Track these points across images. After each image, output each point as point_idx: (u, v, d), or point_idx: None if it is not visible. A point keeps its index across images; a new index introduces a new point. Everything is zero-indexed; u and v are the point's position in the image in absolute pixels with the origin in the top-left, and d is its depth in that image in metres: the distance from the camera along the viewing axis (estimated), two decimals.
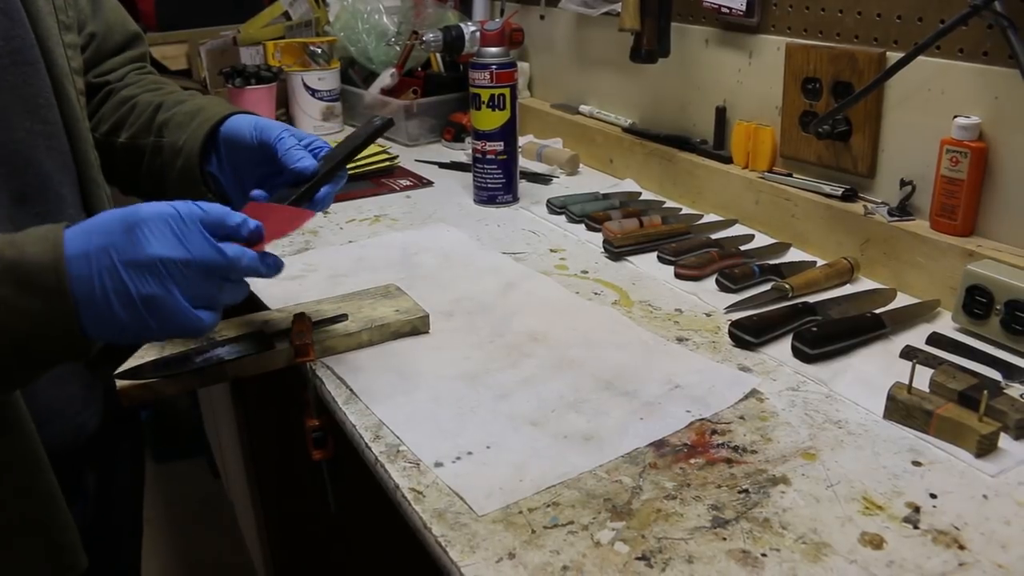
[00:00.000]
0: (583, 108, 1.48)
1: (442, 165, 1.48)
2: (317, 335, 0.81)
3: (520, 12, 1.60)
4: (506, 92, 1.20)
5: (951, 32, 0.84)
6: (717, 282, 0.97)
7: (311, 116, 1.65)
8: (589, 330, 0.87)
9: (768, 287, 0.95)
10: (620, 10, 1.19)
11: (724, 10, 1.14)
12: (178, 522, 2.21)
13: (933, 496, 0.62)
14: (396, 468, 0.66)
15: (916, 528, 0.59)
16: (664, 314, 0.91)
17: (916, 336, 0.85)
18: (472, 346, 0.84)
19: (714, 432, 0.70)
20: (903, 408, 0.70)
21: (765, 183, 1.10)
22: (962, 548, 0.57)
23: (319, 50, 1.66)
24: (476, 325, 0.88)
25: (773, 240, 1.09)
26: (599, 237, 1.11)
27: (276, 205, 0.74)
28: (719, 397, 0.75)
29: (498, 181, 1.25)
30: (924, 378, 0.73)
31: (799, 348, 0.81)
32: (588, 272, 1.03)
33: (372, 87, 1.68)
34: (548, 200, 1.24)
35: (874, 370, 0.78)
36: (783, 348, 0.83)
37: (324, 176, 0.77)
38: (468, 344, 0.85)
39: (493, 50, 1.20)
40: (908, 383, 0.71)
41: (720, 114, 1.19)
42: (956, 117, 0.88)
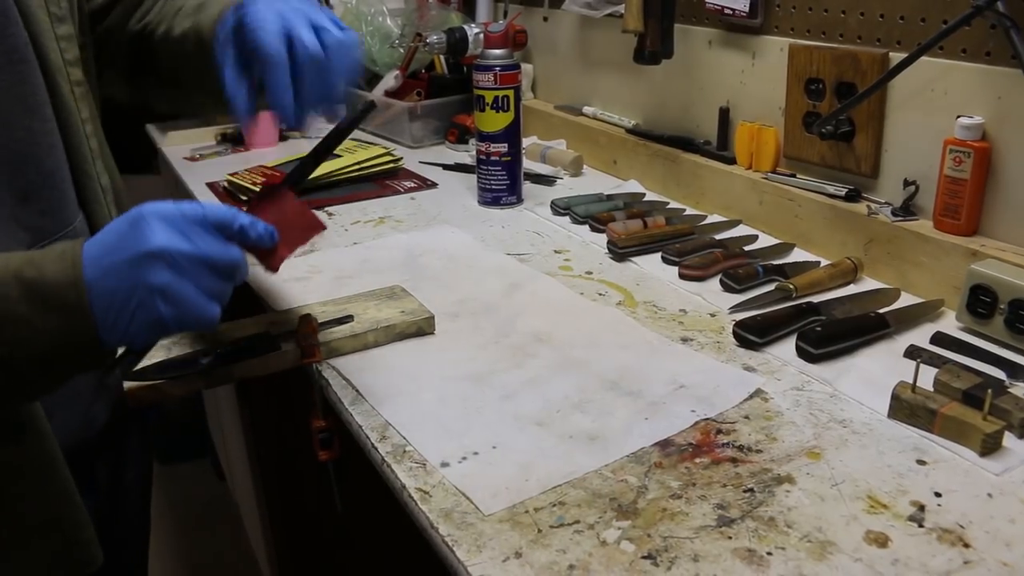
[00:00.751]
0: (587, 109, 1.49)
1: (446, 167, 1.48)
2: (323, 336, 0.82)
3: (523, 14, 1.61)
4: (510, 94, 1.20)
5: (954, 32, 0.84)
6: (721, 282, 0.97)
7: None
8: (594, 331, 0.87)
9: (772, 287, 0.95)
10: (623, 11, 1.20)
11: (727, 11, 1.15)
12: (183, 523, 2.22)
13: (938, 495, 0.62)
14: (403, 468, 0.66)
15: (921, 527, 0.59)
16: (668, 314, 0.92)
17: (920, 336, 0.85)
18: (477, 347, 0.85)
19: (719, 432, 0.70)
20: (907, 407, 0.70)
21: (769, 184, 1.10)
22: (967, 546, 0.57)
23: None
24: (481, 326, 0.89)
25: (777, 240, 1.09)
26: (603, 238, 1.11)
27: (281, 199, 0.72)
28: (724, 397, 0.75)
29: (502, 182, 1.25)
30: (928, 377, 0.73)
31: (803, 348, 0.81)
32: (592, 273, 1.03)
33: (376, 89, 1.69)
34: (552, 201, 1.24)
35: (878, 369, 0.78)
36: (787, 348, 0.83)
37: (313, 162, 0.76)
38: (473, 345, 0.85)
39: (497, 52, 1.20)
40: (912, 382, 0.71)
41: (723, 115, 1.20)
42: (959, 117, 0.88)
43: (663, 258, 1.04)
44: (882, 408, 0.72)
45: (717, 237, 1.10)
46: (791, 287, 0.93)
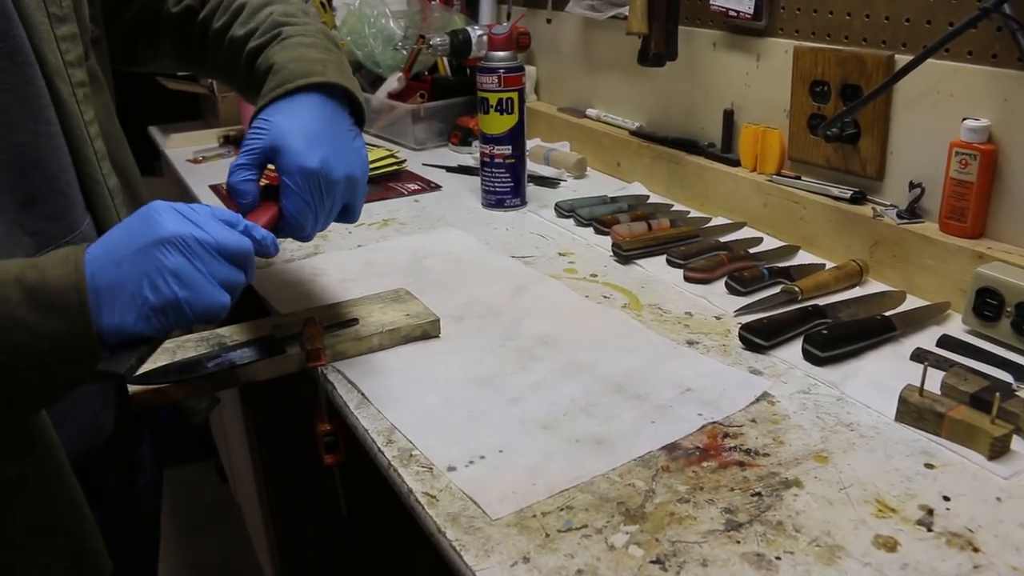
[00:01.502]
0: (590, 111, 1.49)
1: (449, 169, 1.48)
2: (328, 339, 0.82)
3: (527, 16, 1.61)
4: (514, 96, 1.20)
5: (960, 35, 0.84)
6: (726, 285, 0.97)
7: None
8: (599, 334, 0.87)
9: (777, 290, 0.95)
10: (627, 13, 1.20)
11: (732, 13, 1.15)
12: (186, 526, 2.22)
13: (946, 499, 0.62)
14: (409, 472, 0.66)
15: (930, 531, 0.59)
16: (674, 317, 0.91)
17: (926, 338, 0.85)
18: (483, 350, 0.84)
19: (726, 435, 0.70)
20: (915, 411, 0.70)
21: (773, 186, 1.10)
22: (976, 551, 0.57)
23: None
24: (486, 329, 0.89)
25: (782, 243, 1.09)
26: (608, 240, 1.11)
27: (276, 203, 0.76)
28: (730, 400, 0.75)
29: (506, 185, 1.25)
30: (935, 380, 0.73)
31: (809, 351, 0.81)
32: (597, 275, 1.03)
33: (379, 91, 1.69)
34: (556, 204, 1.24)
35: (885, 372, 0.78)
36: (793, 351, 0.83)
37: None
38: (479, 348, 0.85)
39: (500, 54, 1.20)
40: (920, 385, 0.71)
41: (728, 117, 1.19)
42: (965, 119, 0.88)
43: (668, 260, 1.04)
44: (889, 411, 0.72)
45: (722, 239, 1.10)
46: (797, 290, 0.93)
